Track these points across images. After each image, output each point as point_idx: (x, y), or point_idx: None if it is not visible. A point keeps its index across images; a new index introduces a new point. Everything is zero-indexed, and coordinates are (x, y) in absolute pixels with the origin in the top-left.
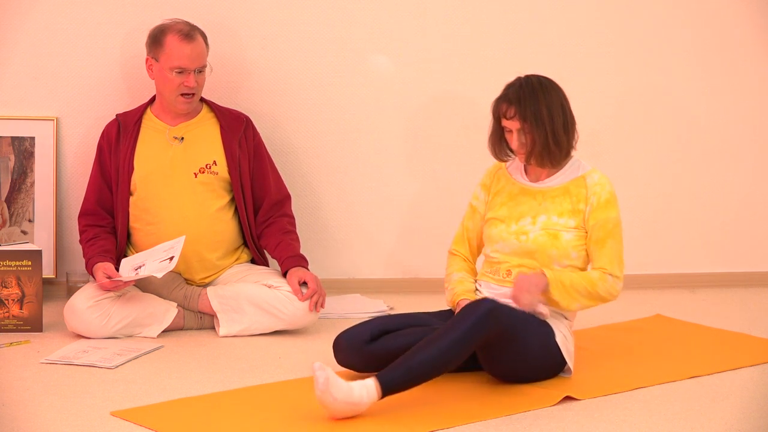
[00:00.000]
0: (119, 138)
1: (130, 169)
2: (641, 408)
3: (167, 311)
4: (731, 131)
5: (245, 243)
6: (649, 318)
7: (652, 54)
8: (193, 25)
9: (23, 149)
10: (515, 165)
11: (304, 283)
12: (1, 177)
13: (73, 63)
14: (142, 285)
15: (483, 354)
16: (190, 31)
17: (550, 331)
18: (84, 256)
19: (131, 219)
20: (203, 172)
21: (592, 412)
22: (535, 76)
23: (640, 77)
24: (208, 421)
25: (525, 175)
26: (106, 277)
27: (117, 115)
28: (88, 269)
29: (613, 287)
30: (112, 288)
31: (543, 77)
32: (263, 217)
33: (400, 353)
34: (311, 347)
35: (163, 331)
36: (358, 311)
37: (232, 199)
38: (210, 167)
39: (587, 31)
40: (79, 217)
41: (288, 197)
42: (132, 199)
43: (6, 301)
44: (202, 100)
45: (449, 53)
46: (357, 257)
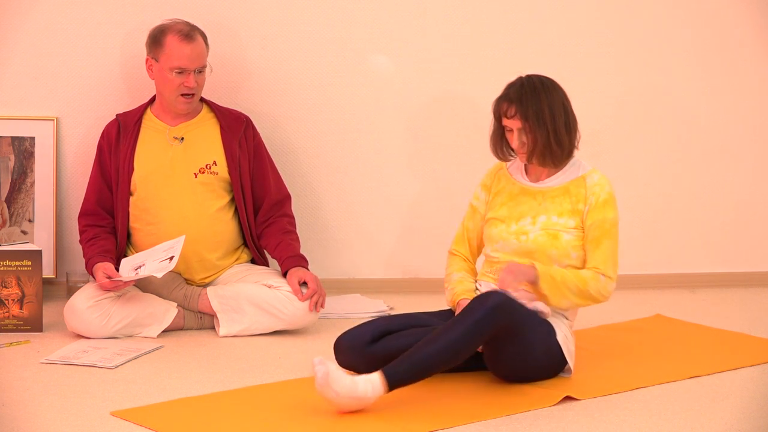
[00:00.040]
0: (119, 138)
1: (130, 169)
2: (641, 408)
3: (167, 311)
4: (731, 131)
5: (245, 243)
6: (649, 318)
7: (652, 54)
8: (193, 26)
9: (23, 149)
10: (516, 165)
11: (304, 283)
12: (1, 177)
13: (73, 63)
14: (142, 285)
15: (487, 348)
16: (190, 32)
17: (552, 330)
18: (84, 256)
19: (131, 219)
20: (203, 173)
21: (592, 412)
22: (536, 76)
23: (640, 77)
24: (208, 421)
25: (525, 175)
26: (106, 277)
27: (117, 115)
28: (88, 269)
29: (604, 288)
30: (112, 288)
31: (544, 77)
32: (263, 217)
33: (401, 354)
34: (311, 347)
35: (163, 331)
36: (358, 311)
37: (232, 200)
38: (210, 167)
39: (587, 31)
40: (79, 217)
41: (288, 197)
42: (132, 199)
43: (6, 301)
44: (202, 100)
45: (449, 53)
46: (357, 257)
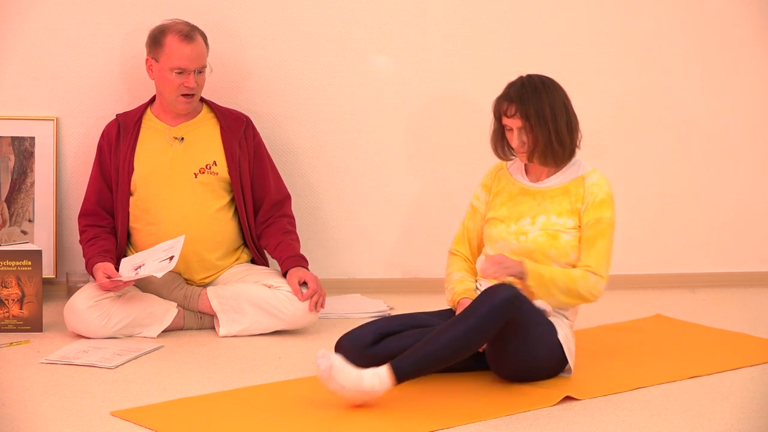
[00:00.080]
0: (119, 138)
1: (130, 170)
2: (641, 408)
3: (167, 311)
4: (731, 131)
5: (245, 243)
6: (649, 318)
7: (652, 54)
8: (193, 26)
9: (23, 149)
10: (516, 165)
11: (304, 283)
12: (1, 177)
13: (73, 63)
14: (142, 285)
15: (491, 345)
16: (190, 32)
17: (554, 329)
18: (84, 256)
19: (131, 219)
20: (203, 173)
21: (592, 412)
22: (537, 76)
23: (640, 77)
24: (208, 421)
25: (525, 175)
26: (106, 277)
27: (117, 115)
28: (88, 269)
29: (594, 287)
30: (112, 288)
31: (545, 77)
32: (263, 218)
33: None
34: (311, 347)
35: (163, 331)
36: (358, 311)
37: (232, 200)
38: (210, 167)
39: (587, 31)
40: (79, 217)
41: (288, 197)
42: (132, 200)
43: (6, 301)
44: (202, 100)
45: (449, 53)
46: (357, 257)
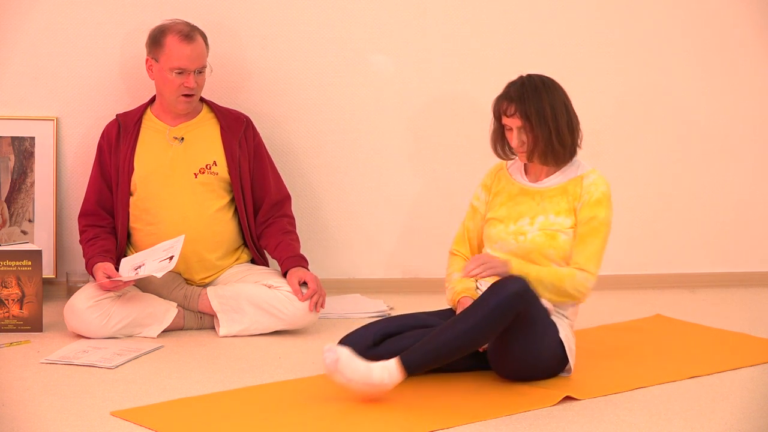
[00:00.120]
0: (119, 138)
1: (130, 170)
2: (641, 408)
3: (167, 311)
4: (731, 131)
5: (245, 243)
6: (649, 318)
7: (652, 54)
8: (193, 26)
9: (23, 149)
10: (516, 165)
11: (304, 283)
12: (1, 177)
13: (73, 63)
14: (142, 285)
15: (495, 341)
16: (190, 32)
17: (556, 327)
18: (84, 256)
19: (131, 219)
20: (203, 173)
21: (592, 412)
22: (537, 75)
23: (640, 77)
24: (208, 421)
25: (525, 175)
26: (106, 277)
27: (117, 115)
28: (88, 269)
29: (582, 284)
30: (112, 288)
31: (545, 76)
32: (263, 218)
33: None
34: (311, 347)
35: (163, 331)
36: (358, 311)
37: (232, 200)
38: (210, 167)
39: (587, 31)
40: (79, 217)
41: (288, 197)
42: (132, 200)
43: (6, 301)
44: (202, 100)
45: (449, 53)
46: (357, 257)
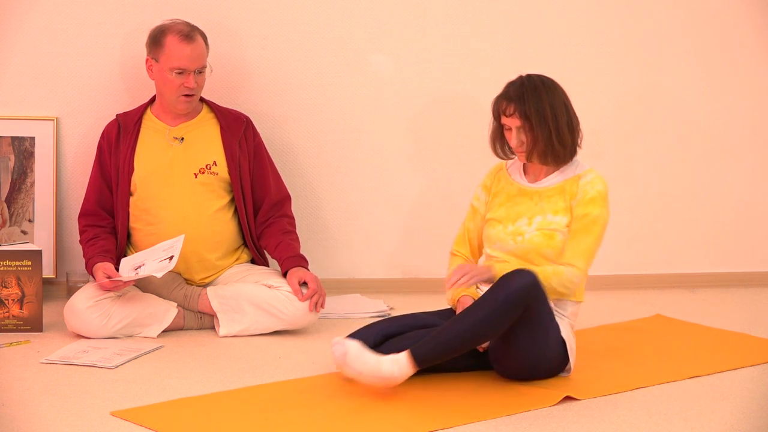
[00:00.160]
0: (119, 138)
1: (130, 170)
2: (641, 408)
3: (167, 311)
4: (731, 131)
5: (245, 243)
6: (649, 318)
7: (652, 54)
8: (193, 26)
9: (23, 149)
10: (515, 165)
11: (304, 283)
12: (1, 177)
13: (73, 63)
14: (142, 285)
15: (499, 338)
16: (190, 32)
17: (558, 325)
18: (84, 256)
19: (131, 219)
20: (203, 173)
21: (592, 412)
22: (536, 75)
23: (640, 77)
24: (208, 421)
25: (524, 175)
26: (106, 277)
27: (117, 115)
28: (88, 269)
29: (569, 279)
30: (112, 288)
31: (544, 76)
32: (263, 218)
33: None
34: (311, 347)
35: (163, 331)
36: (358, 311)
37: (232, 200)
38: (210, 168)
39: (587, 31)
40: (79, 217)
41: (288, 198)
42: (132, 200)
43: (6, 301)
44: (202, 100)
45: (449, 53)
46: (357, 257)
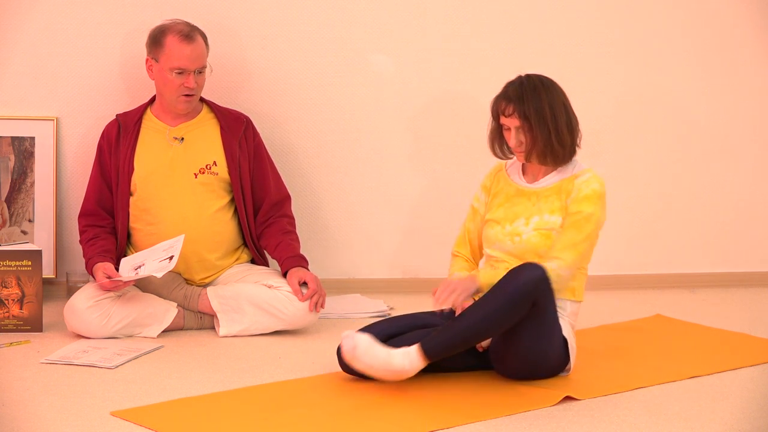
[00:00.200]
0: (119, 138)
1: (130, 170)
2: (641, 408)
3: (167, 311)
4: (731, 131)
5: (245, 243)
6: (649, 318)
7: (652, 54)
8: (193, 26)
9: (23, 149)
10: (515, 166)
11: (304, 284)
12: (1, 177)
13: (73, 63)
14: (142, 285)
15: (503, 335)
16: (190, 32)
17: (560, 325)
18: (84, 256)
19: (131, 219)
20: (203, 173)
21: (592, 412)
22: (535, 75)
23: (640, 77)
24: (208, 421)
25: (522, 175)
26: (106, 277)
27: (117, 115)
28: (88, 269)
29: (555, 272)
30: (112, 288)
31: (543, 76)
32: (263, 218)
33: None
34: (311, 347)
35: (163, 331)
36: (358, 311)
37: (232, 200)
38: (210, 168)
39: (587, 31)
40: (79, 217)
41: (288, 198)
42: (132, 200)
43: (6, 301)
44: (202, 100)
45: (449, 53)
46: (357, 257)
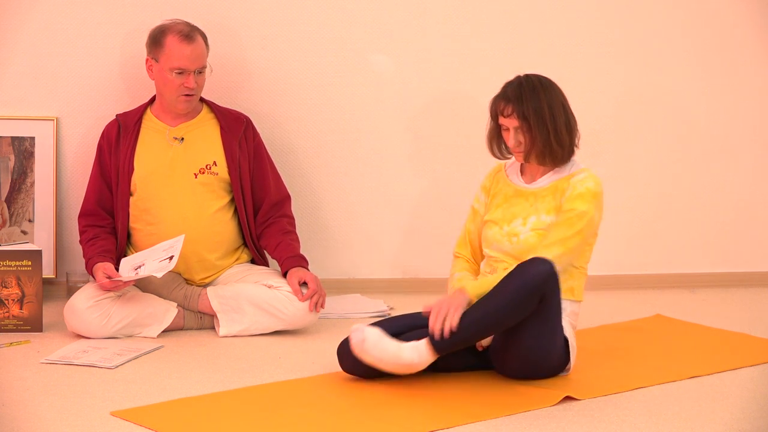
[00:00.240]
0: (119, 138)
1: (130, 170)
2: (641, 408)
3: (167, 311)
4: (731, 131)
5: (245, 243)
6: (649, 318)
7: (652, 54)
8: (193, 26)
9: (23, 149)
10: (513, 166)
11: (304, 284)
12: (1, 177)
13: (73, 63)
14: (142, 285)
15: (506, 332)
16: (190, 32)
17: (561, 324)
18: (84, 256)
19: (131, 219)
20: (203, 173)
21: (592, 412)
22: (534, 75)
23: (640, 77)
24: (208, 421)
25: (520, 176)
26: (106, 277)
27: (117, 115)
28: (88, 269)
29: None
30: (112, 288)
31: (542, 76)
32: (263, 218)
33: None
34: (311, 347)
35: (163, 331)
36: (358, 311)
37: (232, 200)
38: (210, 168)
39: (587, 31)
40: (79, 217)
41: (288, 198)
42: (132, 200)
43: (6, 301)
44: (202, 100)
45: (449, 53)
46: (357, 257)
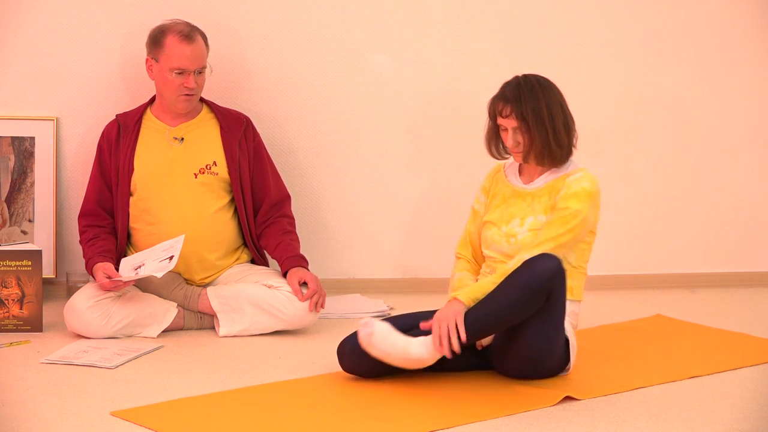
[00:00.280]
0: (119, 138)
1: (130, 170)
2: (641, 408)
3: (167, 311)
4: (731, 131)
5: (245, 243)
6: (649, 318)
7: (652, 54)
8: (193, 26)
9: (23, 149)
10: (512, 167)
11: (304, 284)
12: (1, 177)
13: (73, 63)
14: (142, 285)
15: (507, 331)
16: (190, 32)
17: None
18: (84, 256)
19: (131, 219)
20: (203, 173)
21: (592, 412)
22: (532, 75)
23: (640, 77)
24: (208, 421)
25: (519, 176)
26: (106, 277)
27: (117, 115)
28: (88, 269)
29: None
30: (112, 288)
31: (540, 76)
32: (263, 218)
33: None
34: (311, 347)
35: (163, 331)
36: (358, 311)
37: (232, 200)
38: (210, 168)
39: (587, 31)
40: (79, 217)
41: (288, 198)
42: (132, 200)
43: (6, 301)
44: (202, 100)
45: (449, 53)
46: (357, 257)
